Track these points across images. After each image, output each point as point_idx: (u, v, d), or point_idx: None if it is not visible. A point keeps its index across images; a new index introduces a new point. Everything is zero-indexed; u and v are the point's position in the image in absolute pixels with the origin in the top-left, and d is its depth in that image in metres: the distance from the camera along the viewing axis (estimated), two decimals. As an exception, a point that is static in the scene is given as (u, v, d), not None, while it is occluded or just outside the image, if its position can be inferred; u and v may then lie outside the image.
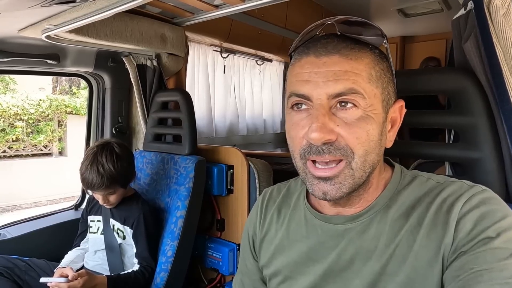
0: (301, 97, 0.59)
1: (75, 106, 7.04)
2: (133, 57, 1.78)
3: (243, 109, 2.91)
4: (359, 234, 0.63)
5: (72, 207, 2.01)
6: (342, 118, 0.56)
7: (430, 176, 0.65)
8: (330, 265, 0.64)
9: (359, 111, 0.56)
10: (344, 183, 0.58)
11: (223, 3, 1.46)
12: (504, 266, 0.48)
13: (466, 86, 0.78)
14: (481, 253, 0.51)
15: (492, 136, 0.76)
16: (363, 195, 0.64)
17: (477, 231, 0.53)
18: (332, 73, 0.56)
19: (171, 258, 1.45)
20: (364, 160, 0.58)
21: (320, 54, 0.58)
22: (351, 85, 0.55)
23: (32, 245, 1.67)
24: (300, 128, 0.59)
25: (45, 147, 7.01)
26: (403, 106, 0.65)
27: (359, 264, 0.62)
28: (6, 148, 6.51)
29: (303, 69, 0.59)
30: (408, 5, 2.53)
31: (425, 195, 0.61)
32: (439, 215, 0.57)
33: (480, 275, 0.49)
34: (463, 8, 0.80)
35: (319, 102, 0.57)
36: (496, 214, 0.53)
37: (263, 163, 1.65)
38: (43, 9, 1.06)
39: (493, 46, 0.70)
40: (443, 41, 3.27)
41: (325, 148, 0.56)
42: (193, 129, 1.64)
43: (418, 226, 0.59)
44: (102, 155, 1.34)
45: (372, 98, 0.57)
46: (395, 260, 0.59)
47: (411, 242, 0.58)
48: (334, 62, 0.57)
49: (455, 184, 0.61)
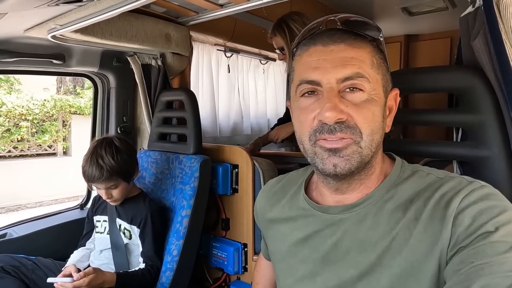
0: (311, 83, 0.62)
1: (79, 106, 7.08)
2: (137, 56, 1.79)
3: (247, 108, 2.90)
4: (355, 225, 0.65)
5: (78, 206, 2.02)
6: (350, 100, 0.61)
7: (430, 170, 0.66)
8: (327, 252, 0.67)
9: (365, 94, 0.61)
10: (352, 156, 0.61)
11: (228, 2, 1.46)
12: (504, 260, 0.49)
13: (474, 84, 0.78)
14: (480, 247, 0.51)
15: (500, 134, 0.76)
16: (365, 180, 0.67)
17: (476, 226, 0.53)
18: (340, 59, 0.61)
19: (176, 257, 1.45)
20: (372, 139, 0.62)
21: (327, 43, 0.63)
22: (358, 70, 0.60)
23: (38, 244, 1.67)
24: (310, 111, 0.63)
25: (49, 147, 7.05)
26: (398, 94, 0.70)
27: (354, 254, 0.64)
28: (11, 148, 6.55)
29: (312, 57, 0.63)
30: (412, 3, 2.51)
31: (424, 190, 0.62)
32: (437, 210, 0.58)
33: (481, 268, 0.49)
34: (471, 5, 0.80)
35: (329, 86, 0.61)
36: (494, 210, 0.54)
37: (268, 162, 1.65)
38: (49, 9, 1.06)
39: (502, 44, 0.69)
40: (447, 39, 3.25)
41: (337, 126, 0.60)
42: (198, 128, 1.64)
43: (415, 220, 0.60)
44: (101, 148, 1.36)
45: (375, 83, 0.62)
46: (391, 253, 0.60)
47: (408, 236, 0.59)
48: (341, 49, 0.62)
49: (454, 180, 0.61)
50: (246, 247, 1.64)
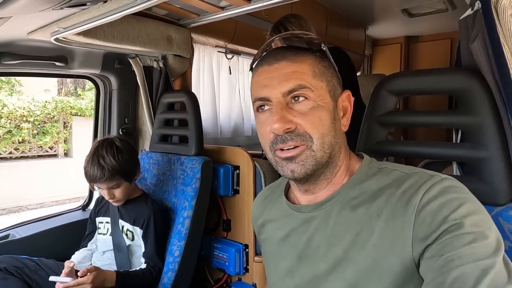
0: (262, 100, 0.69)
1: (80, 108, 7.09)
2: (139, 58, 1.80)
3: (248, 110, 2.91)
4: (323, 221, 0.70)
5: (80, 207, 2.03)
6: (298, 110, 0.67)
7: (396, 166, 0.69)
8: (302, 249, 0.72)
9: (311, 102, 0.67)
10: (306, 161, 0.67)
11: (229, 5, 1.47)
12: (471, 249, 0.51)
13: (472, 86, 0.79)
14: (447, 240, 0.53)
15: (499, 136, 0.76)
16: (330, 179, 0.72)
17: (438, 221, 0.55)
18: (283, 75, 0.67)
19: (178, 258, 1.46)
20: (322, 141, 0.67)
21: (272, 62, 0.70)
22: (299, 82, 0.66)
23: (40, 245, 1.68)
24: (267, 125, 0.69)
25: (50, 149, 7.06)
26: (350, 94, 0.75)
27: (323, 249, 0.68)
28: (12, 149, 6.57)
29: (260, 77, 0.70)
30: (412, 5, 2.53)
31: (388, 186, 0.65)
32: (398, 207, 0.61)
33: (451, 260, 0.51)
34: (470, 8, 0.81)
35: (277, 100, 0.67)
36: (454, 203, 0.56)
37: (269, 163, 1.65)
38: (52, 12, 1.07)
39: (500, 46, 0.70)
40: (448, 40, 3.26)
41: (287, 136, 0.66)
42: (199, 130, 1.65)
43: (377, 217, 0.62)
44: (102, 148, 1.38)
45: (320, 90, 0.68)
46: (355, 247, 0.63)
47: (370, 232, 0.62)
48: (283, 66, 0.68)
49: (416, 175, 0.64)
50: (247, 248, 1.65)
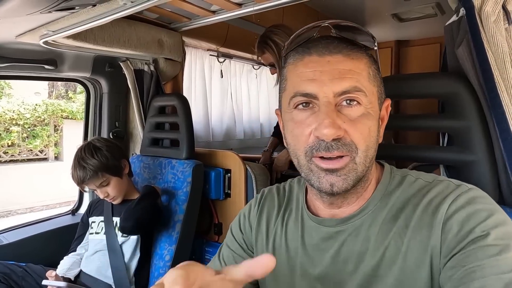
0: (307, 96, 0.59)
1: (71, 111, 7.02)
2: (130, 62, 1.79)
3: (240, 113, 2.92)
4: (351, 237, 0.64)
5: (69, 212, 2.00)
6: (347, 115, 0.58)
7: (419, 175, 0.66)
8: (325, 267, 0.65)
9: (362, 108, 0.59)
10: (349, 175, 0.59)
11: (220, 9, 1.47)
12: (495, 262, 0.49)
13: (459, 90, 0.80)
14: (471, 251, 0.51)
15: (485, 139, 0.78)
16: (361, 193, 0.65)
17: (465, 231, 0.53)
18: (337, 71, 0.58)
19: (169, 262, 1.45)
20: (366, 155, 0.59)
21: (323, 53, 0.59)
22: (355, 83, 0.58)
23: (29, 251, 1.66)
24: (306, 126, 0.59)
25: (41, 152, 6.97)
26: (390, 105, 0.68)
27: (351, 266, 0.62)
28: (1, 153, 6.47)
29: (307, 68, 0.60)
30: (402, 10, 2.56)
31: (413, 196, 0.62)
32: (425, 217, 0.58)
33: (472, 271, 0.49)
34: (455, 14, 0.82)
35: (326, 100, 0.57)
36: (481, 214, 0.54)
37: (260, 166, 1.66)
38: (41, 15, 1.06)
39: (484, 52, 0.72)
40: (437, 45, 3.30)
41: (334, 144, 0.57)
42: (191, 133, 1.65)
43: (405, 228, 0.59)
44: (82, 151, 1.44)
45: (371, 95, 0.60)
46: (385, 263, 0.59)
47: (399, 245, 0.59)
48: (338, 61, 0.58)
49: (442, 184, 0.61)
50: (238, 251, 1.64)
